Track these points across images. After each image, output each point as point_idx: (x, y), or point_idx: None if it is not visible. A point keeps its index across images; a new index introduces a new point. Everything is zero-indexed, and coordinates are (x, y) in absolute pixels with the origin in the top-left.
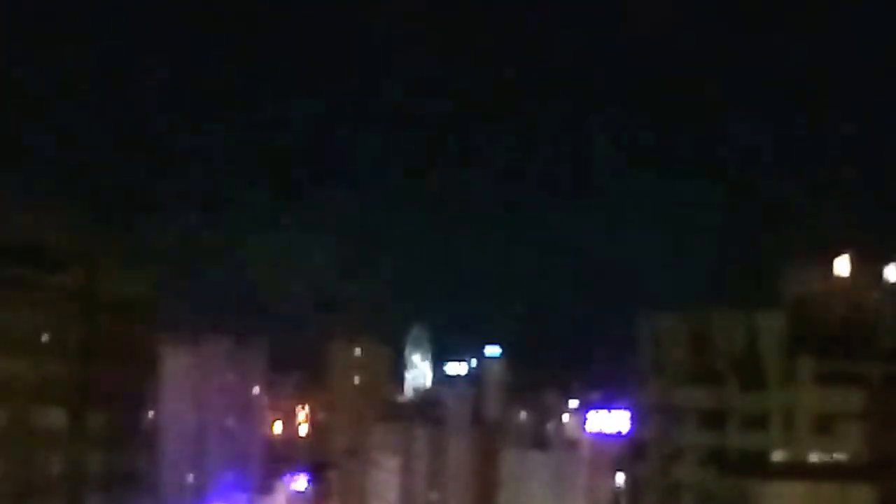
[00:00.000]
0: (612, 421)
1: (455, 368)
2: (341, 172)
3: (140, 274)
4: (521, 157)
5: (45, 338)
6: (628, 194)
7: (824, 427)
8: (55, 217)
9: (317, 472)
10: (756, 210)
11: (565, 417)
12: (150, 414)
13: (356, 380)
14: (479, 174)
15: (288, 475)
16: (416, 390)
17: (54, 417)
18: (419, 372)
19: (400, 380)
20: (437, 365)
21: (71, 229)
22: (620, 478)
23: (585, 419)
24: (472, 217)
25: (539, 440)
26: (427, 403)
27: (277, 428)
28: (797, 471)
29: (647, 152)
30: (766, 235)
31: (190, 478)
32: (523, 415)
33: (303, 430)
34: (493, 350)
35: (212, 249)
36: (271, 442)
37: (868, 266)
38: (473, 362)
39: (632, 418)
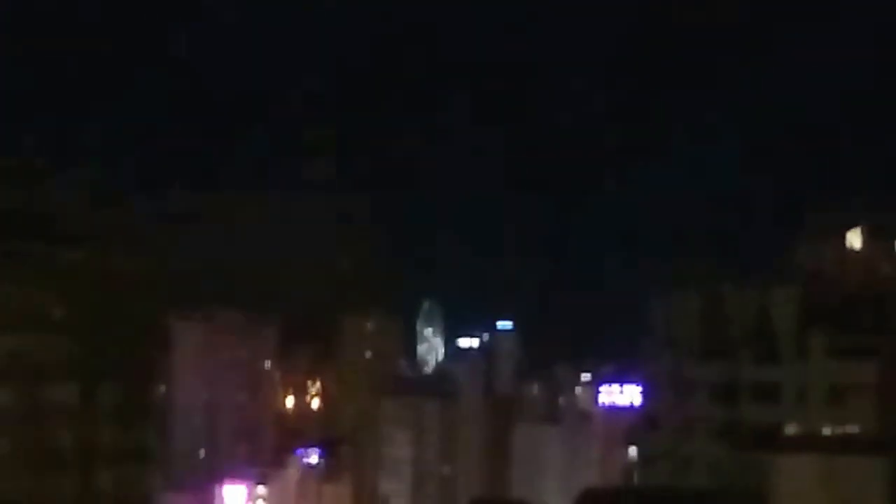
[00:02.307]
0: (625, 394)
1: (467, 342)
2: (352, 144)
3: (152, 249)
4: (530, 131)
5: (56, 313)
6: (637, 170)
7: (837, 400)
8: (66, 192)
9: (329, 447)
10: (768, 183)
11: (577, 391)
12: (162, 389)
13: (368, 354)
14: (491, 147)
15: (300, 450)
16: (428, 364)
17: (65, 393)
18: (431, 346)
19: (412, 354)
20: (449, 339)
21: (82, 204)
22: (633, 451)
23: (598, 393)
24: (485, 191)
25: (551, 414)
26: (439, 377)
27: (289, 402)
28: (810, 444)
29: (656, 128)
30: (776, 209)
31: (201, 453)
32: (535, 388)
33: (314, 404)
34: (505, 324)
35: (222, 224)
36: (283, 416)
37: (881, 239)
38: (485, 336)
39: (644, 392)
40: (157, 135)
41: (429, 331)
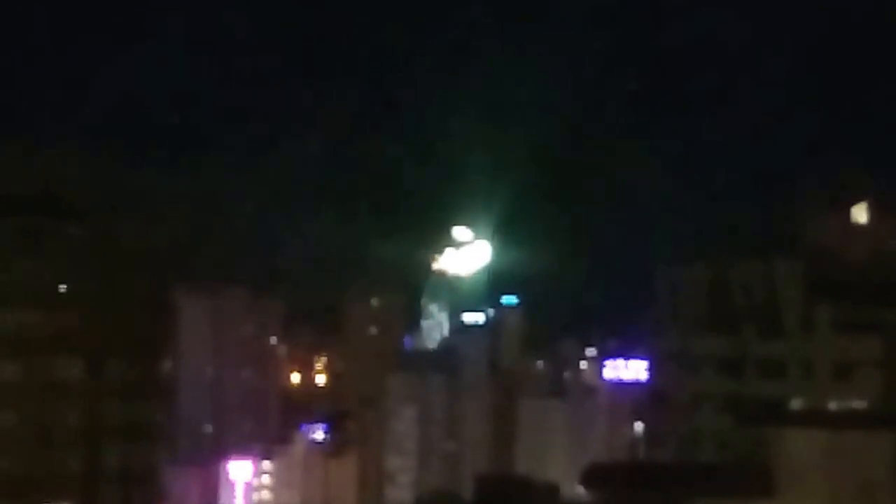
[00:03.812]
0: (630, 369)
1: (472, 318)
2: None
3: (158, 224)
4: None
5: (62, 288)
6: (647, 141)
7: (843, 374)
8: (72, 167)
9: (334, 423)
10: (773, 157)
11: (583, 366)
12: (168, 365)
13: (373, 330)
14: (494, 121)
15: (305, 425)
16: (433, 340)
17: (71, 368)
18: (436, 321)
19: (417, 329)
20: (455, 314)
21: (87, 179)
22: (638, 426)
23: (603, 367)
24: (489, 164)
25: (556, 389)
26: (444, 353)
27: (295, 378)
28: (816, 418)
29: (659, 99)
30: (783, 183)
31: (207, 428)
32: (540, 363)
33: (320, 380)
34: (510, 299)
35: (229, 200)
36: (289, 392)
37: (886, 214)
38: (491, 312)
39: (650, 366)
40: (160, 110)
41: (434, 306)
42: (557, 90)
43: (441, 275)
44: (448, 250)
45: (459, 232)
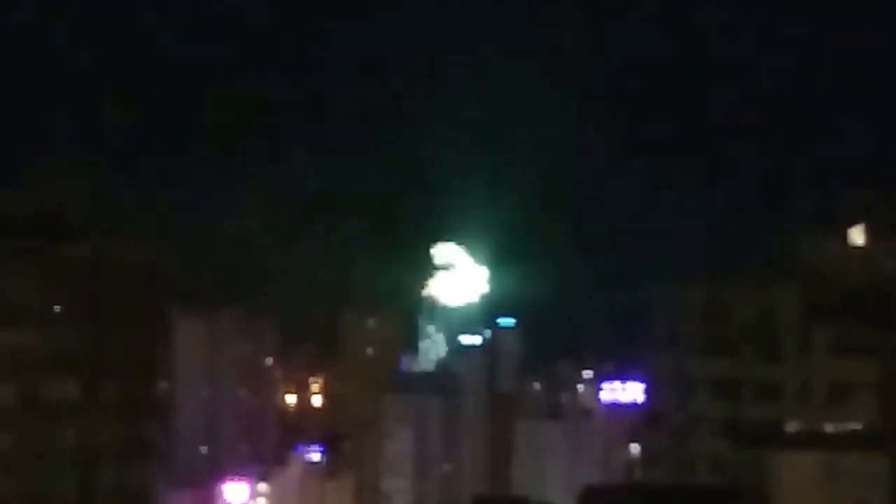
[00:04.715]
0: (627, 391)
1: (469, 339)
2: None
3: (153, 244)
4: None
5: (57, 308)
6: (640, 161)
7: (839, 397)
8: (68, 187)
9: (331, 444)
10: (770, 178)
11: (579, 388)
12: (164, 386)
13: (370, 351)
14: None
15: (301, 447)
16: (430, 361)
17: (67, 388)
18: (433, 342)
19: (414, 350)
20: (451, 335)
21: (83, 199)
22: (634, 448)
23: (599, 390)
24: (486, 187)
25: (553, 411)
26: (441, 374)
27: (291, 399)
28: (812, 441)
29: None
30: (780, 205)
31: (203, 449)
32: (537, 385)
33: (316, 401)
34: (507, 321)
35: (225, 222)
36: (285, 413)
37: (883, 235)
38: (488, 333)
39: (646, 389)
40: (157, 133)
41: (431, 327)
42: (556, 114)
43: (434, 300)
44: (439, 274)
45: (443, 251)
